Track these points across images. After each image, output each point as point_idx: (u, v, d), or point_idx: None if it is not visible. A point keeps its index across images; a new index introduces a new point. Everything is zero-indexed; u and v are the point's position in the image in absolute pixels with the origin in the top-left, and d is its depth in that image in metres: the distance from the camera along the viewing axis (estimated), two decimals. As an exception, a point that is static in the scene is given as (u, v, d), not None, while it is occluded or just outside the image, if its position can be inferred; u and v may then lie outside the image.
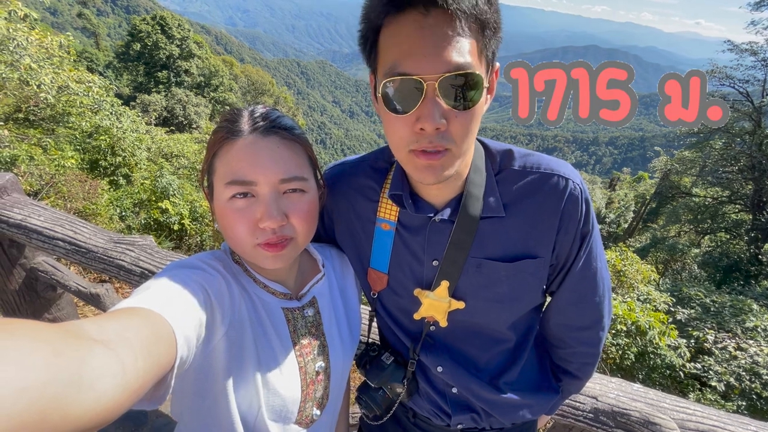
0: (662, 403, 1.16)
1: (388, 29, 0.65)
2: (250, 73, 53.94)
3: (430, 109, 0.62)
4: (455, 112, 0.64)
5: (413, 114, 0.64)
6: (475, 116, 0.67)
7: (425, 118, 0.63)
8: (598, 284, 0.87)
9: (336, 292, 0.93)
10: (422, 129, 0.64)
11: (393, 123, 0.67)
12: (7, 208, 1.67)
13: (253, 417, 0.75)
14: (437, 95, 0.62)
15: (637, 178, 34.00)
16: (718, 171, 15.74)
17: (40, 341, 0.35)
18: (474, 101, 0.64)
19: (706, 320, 5.95)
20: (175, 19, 36.44)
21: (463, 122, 0.65)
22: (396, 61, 0.63)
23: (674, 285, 8.11)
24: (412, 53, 0.62)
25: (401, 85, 0.63)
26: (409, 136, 0.66)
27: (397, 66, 0.63)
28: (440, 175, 0.69)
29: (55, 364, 0.34)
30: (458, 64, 0.61)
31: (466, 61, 0.61)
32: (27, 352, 0.33)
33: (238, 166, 0.70)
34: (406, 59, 0.62)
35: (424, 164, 0.68)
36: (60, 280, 1.86)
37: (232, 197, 0.70)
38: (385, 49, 0.66)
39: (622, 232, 24.30)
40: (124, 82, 35.68)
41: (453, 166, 0.69)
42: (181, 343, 0.55)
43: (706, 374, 4.90)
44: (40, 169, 6.16)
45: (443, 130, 0.64)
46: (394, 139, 0.69)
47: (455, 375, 0.92)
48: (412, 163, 0.69)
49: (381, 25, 0.66)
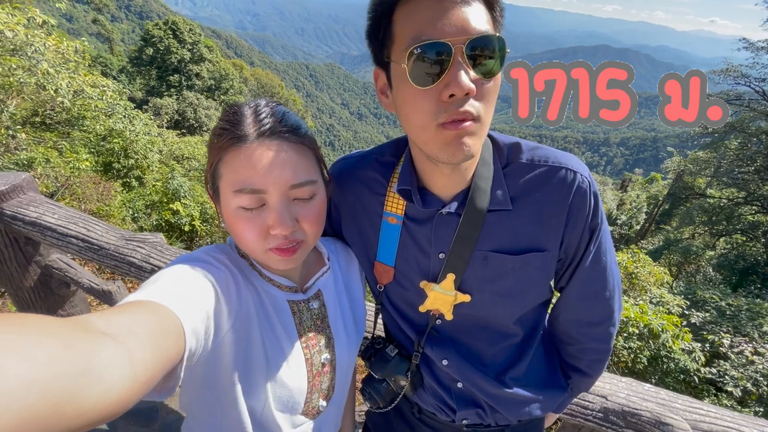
0: (674, 403, 1.13)
1: (404, 9, 0.65)
2: (260, 76, 54.53)
3: (458, 71, 0.61)
4: (480, 81, 0.64)
5: (441, 82, 0.63)
6: (495, 89, 0.67)
7: (455, 82, 0.61)
8: (608, 279, 0.86)
9: (341, 286, 0.94)
10: (452, 96, 0.62)
11: (418, 99, 0.65)
12: (23, 206, 1.71)
13: (260, 408, 0.76)
14: (464, 60, 0.62)
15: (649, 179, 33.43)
16: (734, 171, 15.39)
17: (49, 335, 0.35)
18: (494, 71, 0.65)
19: (722, 324, 5.82)
20: (187, 24, 37.02)
21: (487, 92, 0.65)
22: (420, 31, 0.63)
23: (688, 288, 7.94)
24: (436, 20, 0.62)
25: (427, 52, 0.62)
26: (437, 107, 0.64)
27: (423, 34, 0.62)
28: (466, 149, 0.66)
29: (65, 357, 0.34)
30: (483, 30, 0.62)
31: (487, 28, 0.63)
32: (36, 345, 0.33)
33: (247, 174, 0.68)
34: (431, 26, 0.62)
35: (453, 135, 0.65)
36: (73, 277, 1.89)
37: (241, 207, 0.70)
38: (403, 27, 0.65)
39: (633, 234, 23.90)
40: (137, 86, 36.34)
41: (479, 138, 0.68)
42: (190, 336, 0.55)
43: (722, 379, 4.78)
44: (56, 172, 6.30)
45: (472, 96, 0.64)
46: (419, 116, 0.67)
47: (461, 369, 0.91)
48: (441, 138, 0.66)
49: (395, 8, 0.66)
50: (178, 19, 37.43)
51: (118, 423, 2.08)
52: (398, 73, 0.67)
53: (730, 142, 15.53)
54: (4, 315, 0.35)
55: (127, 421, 2.09)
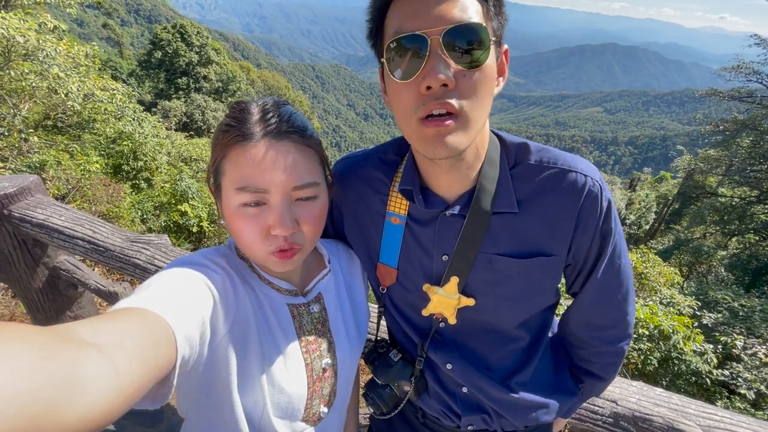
0: (687, 408, 1.10)
1: (394, 6, 0.65)
2: (267, 78, 54.87)
3: (435, 64, 0.60)
4: (462, 71, 0.61)
5: (420, 74, 0.62)
6: (484, 80, 0.64)
7: (431, 74, 0.60)
8: (622, 283, 0.84)
9: (342, 288, 0.92)
10: (429, 88, 0.61)
11: (400, 92, 0.65)
12: (30, 208, 1.73)
13: (258, 414, 0.74)
14: (442, 52, 0.60)
15: (658, 178, 32.92)
16: (746, 170, 15.09)
17: (31, 345, 0.34)
18: (479, 61, 0.62)
19: (735, 325, 5.70)
20: (195, 27, 37.41)
21: (471, 83, 0.62)
22: (400, 24, 0.63)
23: (699, 288, 7.79)
24: (414, 13, 0.61)
25: (405, 45, 0.62)
26: (416, 101, 0.63)
27: (401, 28, 0.62)
28: (450, 145, 0.64)
29: (46, 368, 0.33)
30: (461, 18, 0.60)
31: (469, 17, 0.60)
32: (17, 356, 0.32)
33: (250, 173, 0.67)
34: (409, 20, 0.62)
35: (433, 132, 0.63)
36: (80, 279, 1.91)
37: (243, 204, 0.69)
38: (389, 22, 0.66)
39: (643, 234, 23.56)
40: (146, 89, 36.78)
41: (464, 133, 0.65)
42: (182, 343, 0.54)
43: (735, 381, 4.68)
44: (67, 174, 6.40)
45: (451, 88, 0.61)
46: (402, 110, 0.66)
47: (465, 373, 0.89)
48: (422, 135, 0.65)
49: (388, 7, 0.66)
50: (186, 22, 37.84)
51: (124, 423, 2.09)
52: (385, 68, 0.67)
53: (742, 140, 15.23)
54: None
55: (133, 422, 2.10)
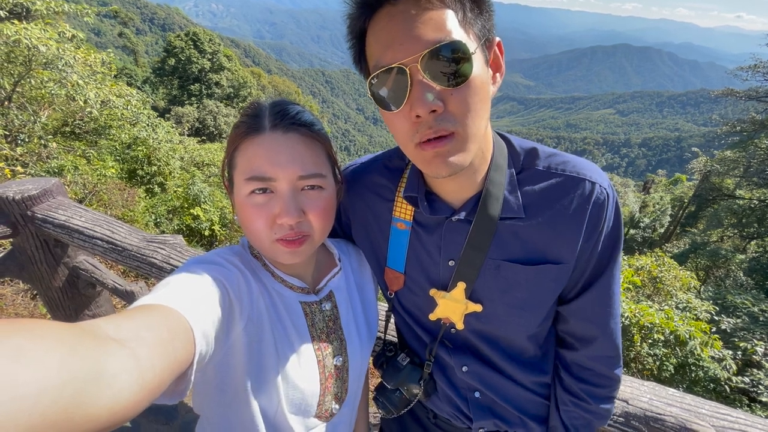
0: (700, 408, 1.08)
1: (369, 33, 0.65)
2: (277, 84, 55.64)
3: (419, 92, 0.59)
4: (449, 91, 0.60)
5: (406, 104, 0.61)
6: (475, 91, 0.61)
7: (417, 103, 0.59)
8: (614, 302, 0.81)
9: (353, 287, 0.93)
10: (418, 116, 0.61)
11: (393, 121, 0.65)
12: (52, 209, 1.79)
13: (273, 410, 0.76)
14: (424, 77, 0.59)
15: (673, 180, 32.26)
16: (765, 171, 14.71)
17: (60, 341, 0.35)
18: (465, 75, 0.60)
19: (755, 331, 5.54)
20: (207, 35, 38.18)
21: (461, 99, 0.60)
22: (378, 58, 0.62)
23: (717, 293, 7.59)
24: (388, 44, 0.60)
25: (387, 79, 0.61)
26: (410, 129, 0.63)
27: (379, 62, 0.62)
28: (451, 165, 0.64)
29: (75, 363, 0.35)
30: (436, 39, 0.58)
31: (444, 35, 0.58)
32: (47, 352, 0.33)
33: (258, 163, 0.70)
34: (385, 52, 0.61)
35: (431, 155, 0.63)
36: (99, 278, 1.96)
37: (251, 193, 0.71)
38: (369, 51, 0.65)
39: (658, 237, 23.07)
40: (160, 96, 37.60)
41: (463, 151, 0.64)
42: (200, 339, 0.55)
43: (755, 389, 4.54)
44: (84, 179, 6.57)
45: (441, 113, 0.61)
46: (399, 137, 0.67)
47: (482, 375, 0.88)
48: (421, 158, 0.65)
49: (364, 34, 0.66)
50: (199, 30, 38.65)
51: (140, 421, 2.13)
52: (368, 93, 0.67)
53: (760, 141, 14.88)
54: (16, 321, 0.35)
55: (148, 419, 2.14)
